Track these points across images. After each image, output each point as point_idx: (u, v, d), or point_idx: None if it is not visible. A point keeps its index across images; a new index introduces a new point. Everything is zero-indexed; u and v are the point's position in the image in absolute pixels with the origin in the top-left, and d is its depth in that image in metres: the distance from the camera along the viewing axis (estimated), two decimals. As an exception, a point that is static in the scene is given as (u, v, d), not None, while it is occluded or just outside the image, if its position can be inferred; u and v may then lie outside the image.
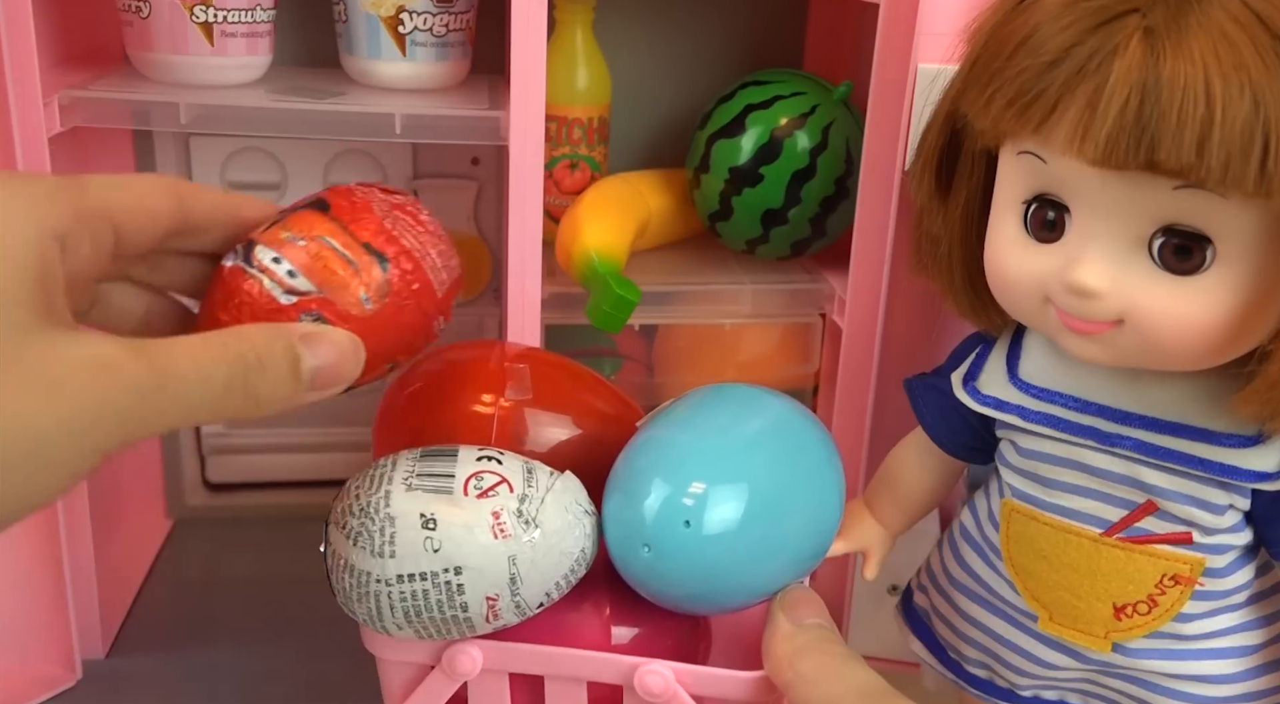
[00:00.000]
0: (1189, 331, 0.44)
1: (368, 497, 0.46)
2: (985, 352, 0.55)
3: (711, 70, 0.86)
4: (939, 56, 0.59)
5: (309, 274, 0.44)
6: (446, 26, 0.72)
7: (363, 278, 0.45)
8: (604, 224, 0.73)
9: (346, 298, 0.44)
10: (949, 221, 0.53)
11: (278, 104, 0.68)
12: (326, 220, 0.46)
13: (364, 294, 0.45)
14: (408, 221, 0.48)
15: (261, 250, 0.45)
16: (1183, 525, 0.49)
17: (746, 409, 0.50)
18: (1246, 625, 0.51)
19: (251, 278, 0.44)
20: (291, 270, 0.44)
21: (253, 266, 0.44)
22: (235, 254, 0.45)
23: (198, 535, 0.89)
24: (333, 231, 0.46)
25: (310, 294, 0.44)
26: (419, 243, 0.48)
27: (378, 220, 0.47)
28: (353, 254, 0.45)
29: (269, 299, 0.44)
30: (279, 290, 0.44)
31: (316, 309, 0.44)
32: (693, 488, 0.46)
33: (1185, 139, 0.40)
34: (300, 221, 0.46)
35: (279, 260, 0.44)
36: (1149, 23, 0.41)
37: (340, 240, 0.45)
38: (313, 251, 0.45)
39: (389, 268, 0.46)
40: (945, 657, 0.59)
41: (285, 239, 0.45)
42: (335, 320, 0.44)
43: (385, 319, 0.45)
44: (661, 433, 0.49)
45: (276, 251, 0.45)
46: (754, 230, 0.76)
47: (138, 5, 0.67)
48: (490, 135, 0.68)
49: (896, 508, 0.62)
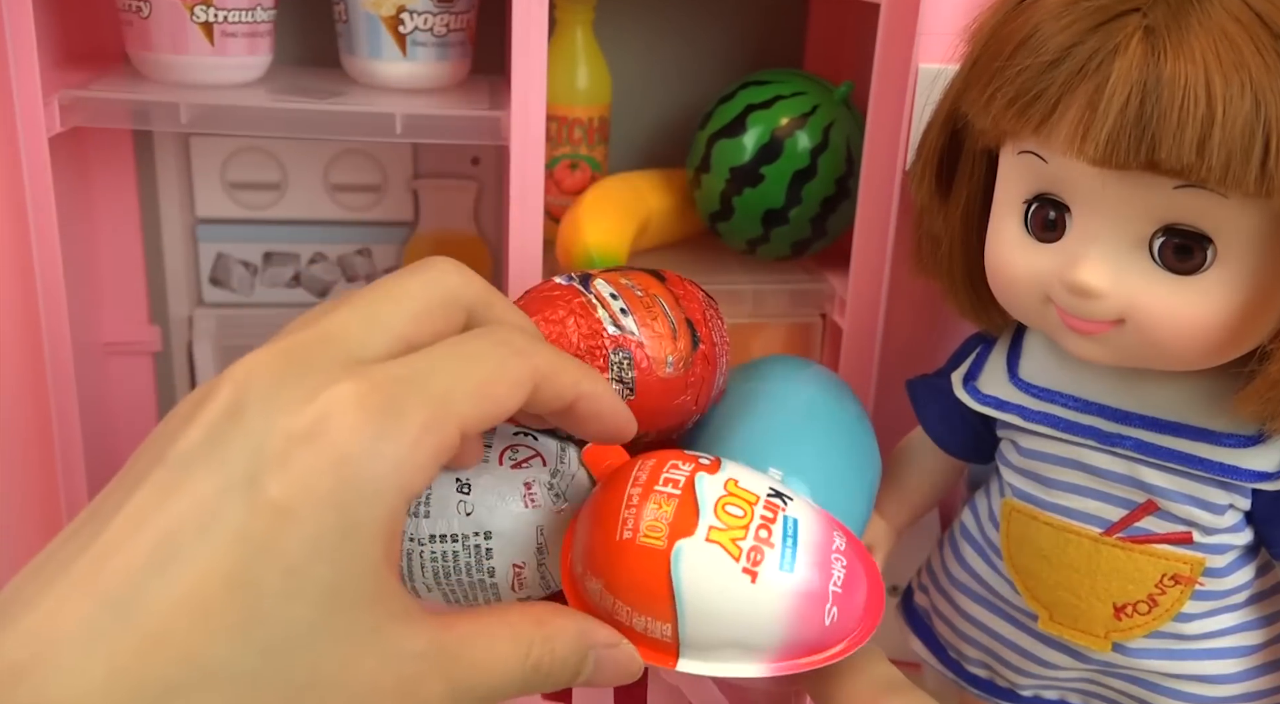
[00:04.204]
0: (1189, 331, 0.44)
1: None
2: (985, 351, 0.55)
3: (712, 70, 0.85)
4: (940, 56, 0.59)
5: (638, 320, 0.48)
6: (447, 26, 0.72)
7: (677, 344, 0.49)
8: (604, 224, 0.73)
9: (658, 354, 0.48)
10: (949, 221, 0.53)
11: (278, 104, 0.68)
12: (662, 286, 0.51)
13: (670, 358, 0.48)
14: (718, 323, 0.53)
15: (601, 284, 0.49)
16: (1183, 525, 0.49)
17: (819, 400, 0.55)
18: (1247, 625, 0.51)
19: (585, 299, 0.48)
20: (624, 309, 0.48)
21: (589, 292, 0.48)
22: (570, 278, 0.49)
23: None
24: (666, 297, 0.50)
25: (631, 336, 0.48)
26: (720, 342, 0.52)
27: (703, 308, 0.52)
28: (677, 322, 0.49)
29: (597, 323, 0.47)
30: (608, 320, 0.47)
31: (631, 351, 0.47)
32: (772, 473, 0.49)
33: (1186, 138, 0.40)
34: (639, 277, 0.51)
35: (615, 297, 0.48)
36: (1150, 22, 0.41)
37: (670, 306, 0.50)
38: (646, 303, 0.49)
39: (697, 348, 0.50)
40: (945, 656, 0.59)
41: (625, 285, 0.50)
42: (639, 370, 0.48)
43: (670, 390, 0.49)
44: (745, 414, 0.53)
45: (615, 289, 0.49)
46: (755, 230, 0.76)
47: (138, 5, 0.67)
48: (491, 135, 0.68)
49: (899, 504, 0.62)
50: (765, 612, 0.40)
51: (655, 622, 0.40)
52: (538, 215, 0.68)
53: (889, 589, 0.73)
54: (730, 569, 0.39)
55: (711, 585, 0.39)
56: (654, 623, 0.40)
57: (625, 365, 0.47)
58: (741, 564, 0.40)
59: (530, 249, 0.68)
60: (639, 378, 0.48)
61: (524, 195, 0.67)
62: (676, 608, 0.40)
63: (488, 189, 0.87)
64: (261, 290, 0.87)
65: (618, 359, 0.47)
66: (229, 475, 0.30)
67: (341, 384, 0.32)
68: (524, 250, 0.68)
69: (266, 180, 0.85)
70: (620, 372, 0.48)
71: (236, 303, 0.87)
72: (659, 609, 0.40)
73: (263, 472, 0.30)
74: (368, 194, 0.86)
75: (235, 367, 0.33)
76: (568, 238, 0.72)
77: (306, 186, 0.85)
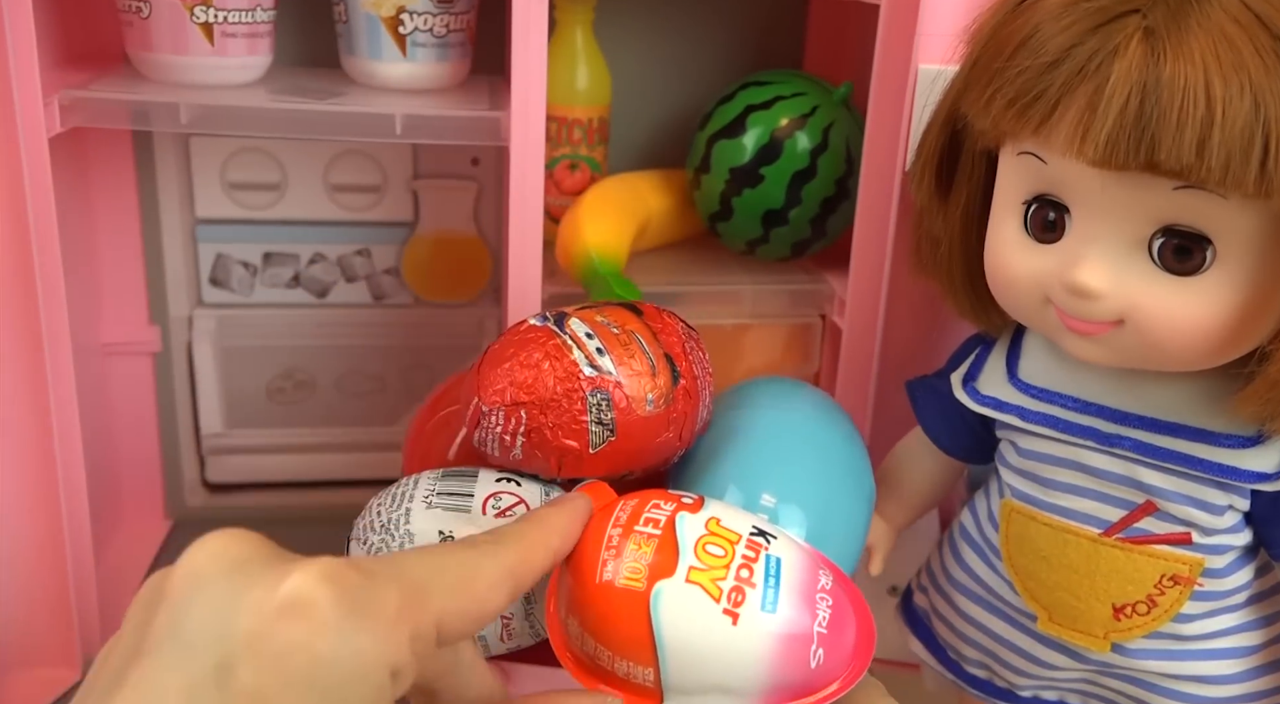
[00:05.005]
0: (1189, 332, 0.44)
1: (389, 513, 0.46)
2: (985, 352, 0.55)
3: (711, 70, 0.85)
4: (939, 57, 0.59)
5: (615, 359, 0.47)
6: (447, 27, 0.72)
7: (656, 381, 0.48)
8: (604, 224, 0.73)
9: (637, 392, 0.47)
10: (949, 222, 0.53)
11: (278, 104, 0.68)
12: (639, 321, 0.50)
13: (650, 396, 0.48)
14: (698, 354, 0.52)
15: (576, 323, 0.48)
16: (1182, 526, 0.49)
17: (812, 425, 0.54)
18: (1246, 626, 0.51)
19: (561, 341, 0.47)
20: (600, 348, 0.47)
21: (564, 332, 0.47)
22: (545, 318, 0.48)
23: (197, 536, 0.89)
24: (643, 332, 0.49)
25: (609, 376, 0.47)
26: (702, 375, 0.51)
27: (682, 340, 0.51)
28: (655, 358, 0.48)
29: (573, 365, 0.47)
30: (584, 361, 0.47)
31: (609, 391, 0.47)
32: (765, 500, 0.49)
33: (1185, 139, 0.40)
34: (614, 313, 0.50)
35: (591, 336, 0.47)
36: (1149, 23, 0.41)
37: (648, 342, 0.49)
38: (623, 341, 0.48)
39: (678, 383, 0.49)
40: (945, 657, 0.59)
41: (600, 322, 0.49)
42: (619, 410, 0.47)
43: (652, 428, 0.48)
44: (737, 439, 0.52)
45: (590, 329, 0.48)
46: (754, 231, 0.76)
47: (138, 5, 0.67)
48: (490, 136, 0.68)
49: (899, 504, 0.62)
50: (747, 654, 0.39)
51: (637, 666, 0.39)
52: (538, 216, 0.67)
53: (889, 589, 0.73)
54: (710, 611, 0.39)
55: (692, 627, 0.39)
56: (636, 667, 0.39)
57: (604, 406, 0.47)
58: (722, 605, 0.39)
59: (530, 249, 0.68)
60: (619, 418, 0.47)
61: (524, 196, 0.67)
62: (658, 652, 0.39)
63: (488, 189, 0.87)
64: (261, 290, 0.87)
65: (596, 401, 0.46)
66: (198, 666, 0.29)
67: (312, 565, 0.31)
68: (524, 251, 0.68)
69: (266, 181, 0.85)
70: (599, 413, 0.47)
71: (236, 303, 0.87)
72: (640, 653, 0.39)
73: (233, 657, 0.29)
74: (368, 194, 0.86)
75: (193, 549, 0.32)
76: (568, 238, 0.72)
77: (306, 187, 0.85)
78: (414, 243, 0.88)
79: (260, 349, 0.88)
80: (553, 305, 0.72)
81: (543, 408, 0.47)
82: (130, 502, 0.89)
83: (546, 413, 0.47)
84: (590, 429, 0.47)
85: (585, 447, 0.47)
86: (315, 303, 0.88)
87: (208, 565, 0.31)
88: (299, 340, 0.88)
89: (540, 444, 0.47)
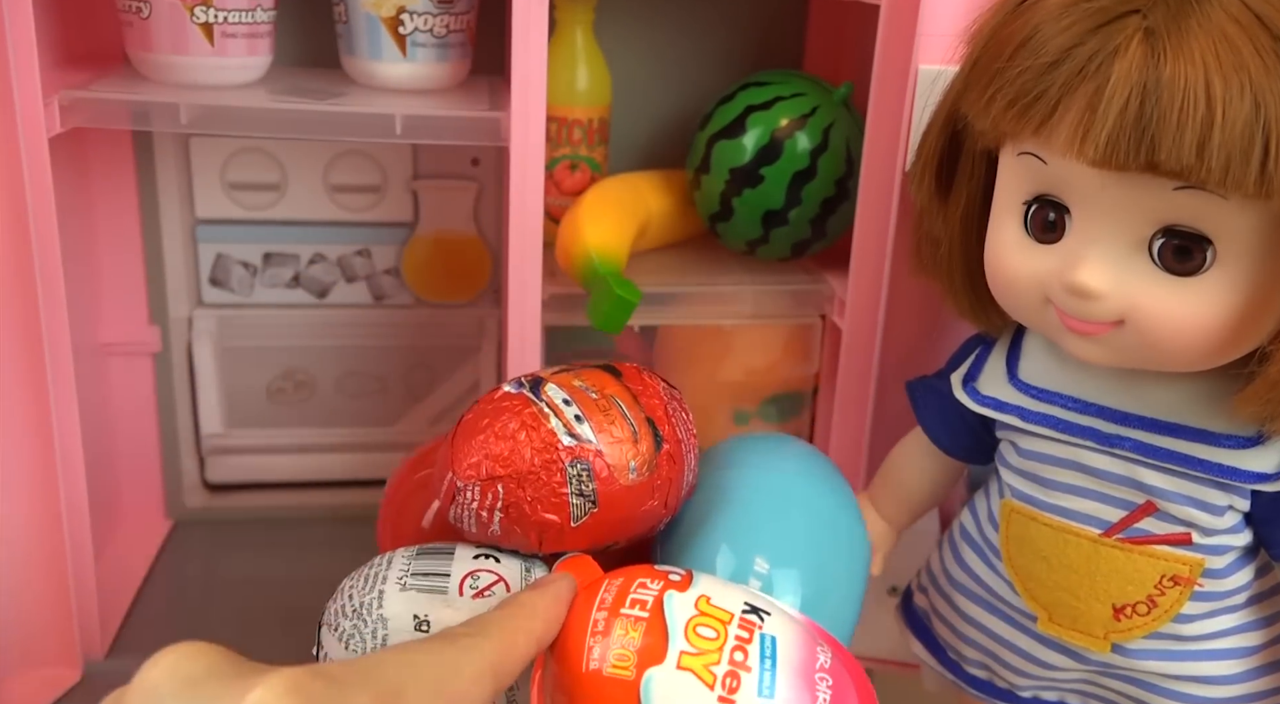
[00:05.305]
0: (1189, 332, 0.44)
1: (361, 597, 0.44)
2: (985, 353, 0.55)
3: (712, 71, 0.85)
4: (939, 58, 0.59)
5: (594, 426, 0.45)
6: (447, 27, 0.72)
7: (639, 448, 0.46)
8: (604, 225, 0.73)
9: (618, 461, 0.45)
10: (949, 222, 0.53)
11: (278, 105, 0.68)
12: (618, 384, 0.48)
13: (633, 464, 0.46)
14: (682, 415, 0.50)
15: (553, 389, 0.46)
16: (1182, 526, 0.49)
17: (802, 486, 0.53)
18: (1246, 626, 0.51)
19: (537, 409, 0.45)
20: (579, 416, 0.45)
21: (541, 400, 0.45)
22: (520, 384, 0.46)
23: (197, 536, 0.89)
24: (623, 396, 0.47)
25: (589, 445, 0.45)
26: (686, 438, 0.49)
27: (664, 402, 0.49)
28: (637, 423, 0.46)
29: (550, 435, 0.45)
30: (562, 430, 0.45)
31: (589, 461, 0.45)
32: (758, 566, 0.48)
33: (1186, 140, 0.40)
34: (593, 376, 0.48)
35: (569, 403, 0.45)
36: (1149, 24, 0.41)
37: (629, 406, 0.47)
38: (603, 406, 0.46)
39: (661, 449, 0.47)
40: (945, 657, 0.59)
41: (578, 387, 0.46)
42: (600, 480, 0.45)
43: (636, 497, 0.46)
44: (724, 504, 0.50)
45: (568, 395, 0.46)
46: (754, 231, 0.76)
47: (138, 6, 0.67)
48: (491, 136, 0.68)
49: (899, 504, 0.62)
50: None
51: None
52: (538, 216, 0.68)
53: (889, 589, 0.73)
54: (705, 699, 0.37)
55: None
56: None
57: (585, 477, 0.45)
58: (717, 693, 0.37)
59: (530, 250, 0.68)
60: (600, 489, 0.45)
61: (524, 196, 0.67)
62: None
63: (488, 189, 0.87)
64: (261, 291, 0.87)
65: (576, 471, 0.44)
66: None
67: (275, 678, 0.30)
68: (524, 251, 0.68)
69: (266, 181, 0.85)
70: (580, 484, 0.45)
71: (236, 303, 0.87)
72: None
73: None
74: (368, 194, 0.86)
75: (148, 666, 0.31)
76: (567, 238, 0.72)
77: (306, 187, 0.85)
78: (414, 243, 0.88)
79: (260, 349, 0.88)
80: (553, 307, 0.72)
81: (520, 481, 0.45)
82: (130, 502, 0.89)
83: (524, 487, 0.45)
84: (571, 501, 0.45)
85: (566, 520, 0.45)
86: (315, 303, 0.88)
87: (164, 683, 0.30)
88: (299, 340, 0.88)
89: (519, 519, 0.45)
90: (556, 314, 0.73)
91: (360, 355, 0.90)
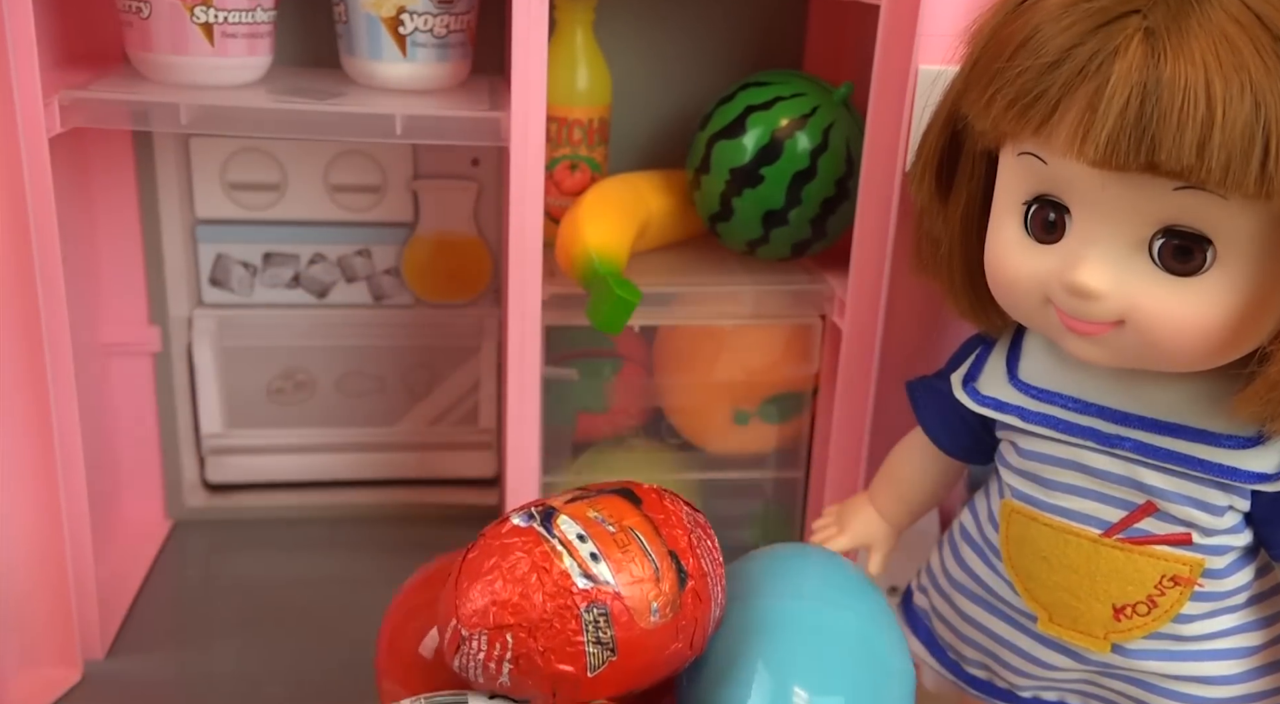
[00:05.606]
0: (1189, 332, 0.44)
1: None
2: (985, 353, 0.55)
3: (712, 71, 0.85)
4: (940, 58, 0.59)
5: (612, 565, 0.41)
6: (447, 27, 0.72)
7: (661, 587, 0.42)
8: (604, 225, 0.72)
9: (639, 603, 0.42)
10: (949, 222, 0.53)
11: (278, 105, 0.68)
12: (637, 513, 0.44)
13: (655, 605, 0.42)
14: (707, 543, 0.46)
15: (566, 522, 0.42)
16: (1182, 526, 0.49)
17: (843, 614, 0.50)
18: (1246, 627, 0.51)
19: (549, 546, 0.41)
20: (595, 554, 0.42)
21: (553, 536, 0.42)
22: (530, 516, 0.42)
23: (197, 536, 0.89)
24: (643, 528, 0.43)
25: (607, 587, 0.41)
26: (713, 570, 0.45)
27: (687, 532, 0.45)
28: (659, 559, 0.42)
29: (564, 577, 0.41)
30: (577, 571, 0.41)
31: (607, 605, 0.41)
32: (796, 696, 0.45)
33: (1186, 140, 0.40)
34: (610, 505, 0.44)
35: (584, 539, 0.42)
36: (1149, 24, 0.41)
37: (649, 540, 0.43)
38: (621, 542, 0.42)
39: (685, 585, 0.43)
40: (945, 657, 0.59)
41: (593, 518, 0.43)
42: (619, 625, 0.41)
43: (658, 641, 0.42)
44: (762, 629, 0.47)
45: (583, 529, 0.42)
46: (754, 231, 0.76)
47: (138, 6, 0.67)
48: (491, 136, 0.68)
49: (899, 504, 0.62)
50: None
51: None
52: (538, 216, 0.68)
53: (889, 589, 0.73)
54: None
55: None
56: None
57: (602, 623, 0.41)
58: None
59: (530, 250, 0.68)
60: (620, 635, 0.41)
61: (524, 196, 0.67)
62: None
63: (488, 190, 0.87)
64: (261, 291, 0.87)
65: (592, 617, 0.41)
66: None
67: None
68: (524, 251, 0.68)
69: (266, 181, 0.85)
70: (597, 631, 0.41)
71: (236, 303, 0.87)
72: None
73: None
74: (368, 195, 0.86)
75: None
76: (568, 239, 0.72)
77: (306, 187, 0.85)
78: (414, 243, 0.88)
79: (260, 349, 0.88)
80: (553, 307, 0.72)
81: (531, 630, 0.41)
82: (130, 502, 0.89)
83: (536, 636, 0.41)
84: (588, 650, 0.41)
85: (583, 670, 0.42)
86: (315, 303, 0.88)
87: None
88: (299, 340, 0.88)
89: (531, 671, 0.42)
90: (556, 314, 0.73)
91: (360, 355, 0.90)
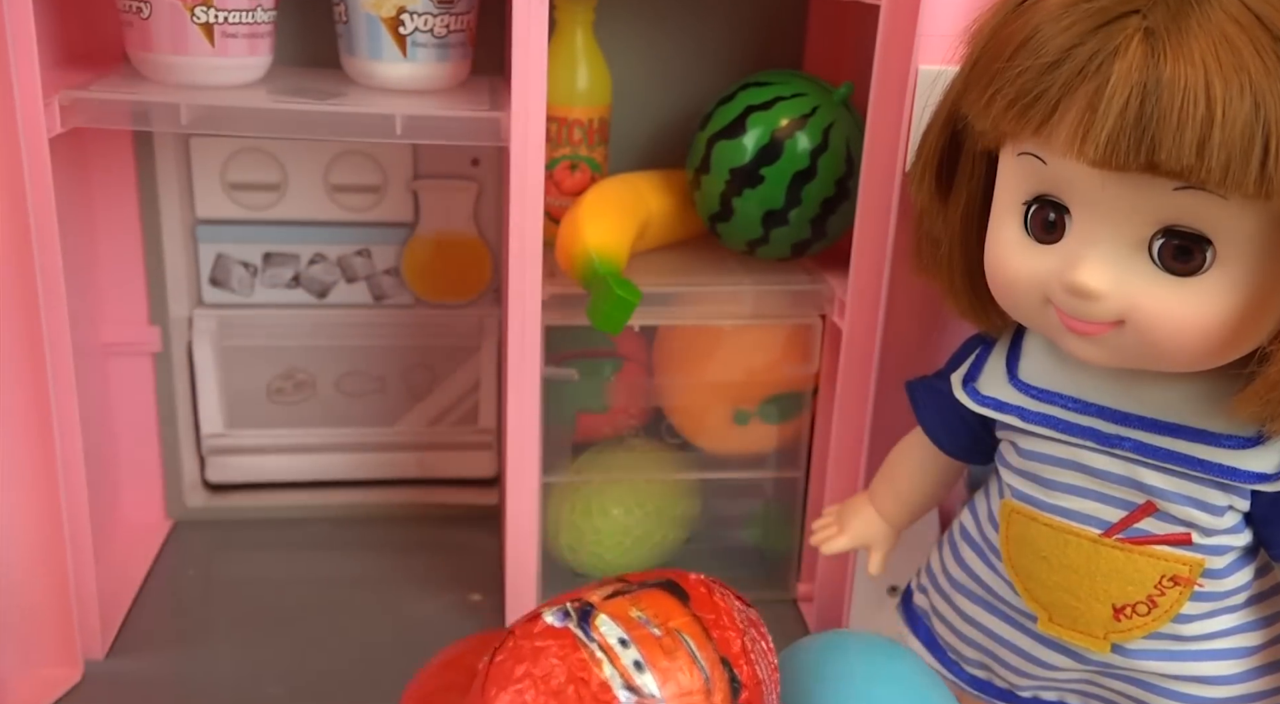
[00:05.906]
0: (1189, 332, 0.44)
1: None
2: (985, 353, 0.55)
3: (712, 71, 0.85)
4: (940, 58, 0.59)
5: (659, 674, 0.37)
6: (447, 27, 0.72)
7: (713, 700, 0.38)
8: (604, 225, 0.72)
9: None
10: (949, 222, 0.53)
11: (278, 105, 0.68)
12: (685, 612, 0.40)
13: None
14: (761, 645, 0.42)
15: (606, 624, 0.38)
16: (1182, 526, 0.49)
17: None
18: (1246, 627, 0.51)
19: (587, 651, 0.38)
20: (639, 662, 0.37)
21: (592, 640, 0.38)
22: (565, 614, 0.39)
23: (197, 536, 0.89)
24: (692, 630, 0.39)
25: (652, 700, 0.37)
26: (768, 677, 0.41)
27: (740, 634, 0.41)
28: (710, 667, 0.38)
29: (604, 689, 0.37)
30: (619, 682, 0.37)
31: None
32: None
33: (1185, 140, 0.40)
34: (654, 602, 0.40)
35: (626, 644, 0.38)
36: (1149, 24, 0.41)
37: (699, 645, 0.39)
38: (668, 648, 0.38)
39: (739, 698, 0.39)
40: (944, 657, 0.59)
41: (636, 619, 0.39)
42: None
43: None
44: None
45: (625, 632, 0.38)
46: (754, 231, 0.76)
47: (138, 6, 0.67)
48: (491, 136, 0.68)
49: (899, 504, 0.62)
50: None
51: None
52: (538, 216, 0.68)
53: (889, 589, 0.73)
54: None
55: None
56: None
57: None
58: None
59: (530, 250, 0.68)
60: None
61: (524, 196, 0.67)
62: None
63: (488, 190, 0.87)
64: (261, 291, 0.87)
65: None
66: None
67: None
68: (524, 251, 0.68)
69: (266, 181, 0.85)
70: None
71: (236, 303, 0.87)
72: None
73: None
74: (368, 195, 0.86)
75: None
76: (568, 239, 0.72)
77: (306, 187, 0.85)
78: (414, 243, 0.88)
79: (260, 349, 0.88)
80: (553, 306, 0.72)
81: None
82: (130, 502, 0.89)
83: None
84: None
85: None
86: (315, 303, 0.88)
87: None
88: (299, 340, 0.88)
89: None
90: (556, 314, 0.73)
91: (360, 355, 0.90)
